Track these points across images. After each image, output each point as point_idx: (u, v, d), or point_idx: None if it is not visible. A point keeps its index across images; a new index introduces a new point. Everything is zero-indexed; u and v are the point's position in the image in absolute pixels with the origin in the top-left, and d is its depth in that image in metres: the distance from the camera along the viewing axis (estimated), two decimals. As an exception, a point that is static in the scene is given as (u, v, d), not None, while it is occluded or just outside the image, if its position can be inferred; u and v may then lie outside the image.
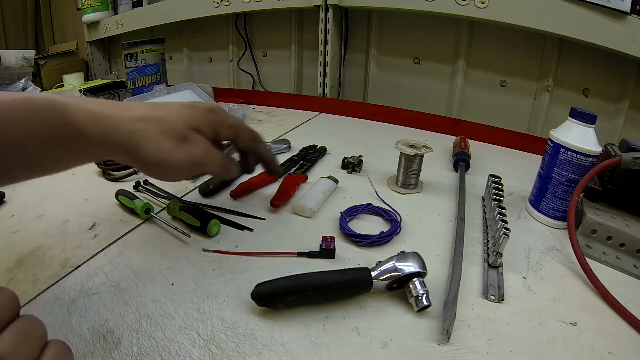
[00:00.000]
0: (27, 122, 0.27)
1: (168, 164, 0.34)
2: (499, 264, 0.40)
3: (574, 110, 0.46)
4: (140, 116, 0.33)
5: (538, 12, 0.78)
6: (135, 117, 0.33)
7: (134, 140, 0.32)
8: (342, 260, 0.41)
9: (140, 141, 0.32)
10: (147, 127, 0.33)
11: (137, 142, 0.32)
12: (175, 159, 0.34)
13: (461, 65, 0.99)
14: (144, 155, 0.32)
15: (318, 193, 0.51)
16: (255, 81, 1.33)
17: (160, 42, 1.05)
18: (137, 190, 0.54)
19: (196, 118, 0.36)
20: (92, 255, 0.41)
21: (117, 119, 0.32)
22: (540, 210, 0.50)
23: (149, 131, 0.33)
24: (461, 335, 0.32)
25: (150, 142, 0.33)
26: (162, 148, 0.33)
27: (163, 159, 0.33)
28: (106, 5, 1.45)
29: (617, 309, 0.35)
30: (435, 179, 0.61)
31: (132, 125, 0.32)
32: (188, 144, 0.35)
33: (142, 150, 0.32)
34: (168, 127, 0.34)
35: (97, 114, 0.31)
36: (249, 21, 1.27)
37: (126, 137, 0.32)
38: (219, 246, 0.42)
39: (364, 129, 0.87)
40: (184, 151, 0.34)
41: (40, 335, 0.20)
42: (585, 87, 0.88)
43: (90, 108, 0.31)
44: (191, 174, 0.40)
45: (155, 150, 0.33)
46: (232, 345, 0.30)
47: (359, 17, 1.09)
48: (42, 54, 1.44)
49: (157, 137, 0.33)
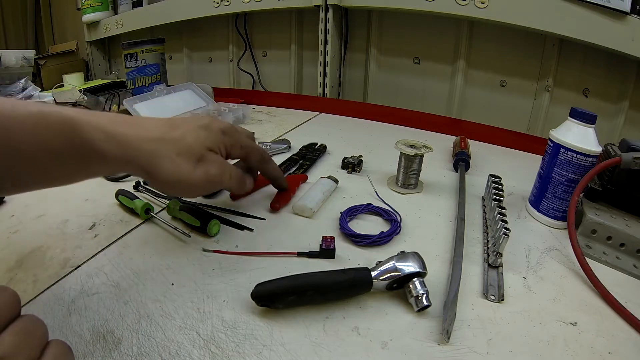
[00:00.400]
0: (41, 138, 0.27)
1: (187, 184, 0.35)
2: (499, 264, 0.40)
3: (574, 110, 0.46)
4: (157, 137, 0.34)
5: (538, 12, 0.78)
6: (152, 137, 0.34)
7: (153, 161, 0.33)
8: (342, 260, 0.41)
9: (159, 162, 0.33)
10: (164, 147, 0.34)
11: (155, 162, 0.33)
12: (194, 179, 0.35)
13: (461, 65, 0.99)
14: (163, 176, 0.34)
15: (318, 193, 0.51)
16: (255, 81, 1.33)
17: (160, 42, 1.05)
18: (137, 190, 0.54)
19: (212, 139, 0.38)
20: (92, 255, 0.41)
21: (134, 138, 0.32)
22: (540, 210, 0.50)
23: (167, 152, 0.34)
24: (461, 335, 0.32)
25: (168, 164, 0.34)
26: (180, 168, 0.34)
27: (181, 179, 0.35)
28: (106, 5, 1.45)
29: (617, 309, 0.35)
30: (435, 179, 0.61)
31: (149, 145, 0.33)
32: (205, 164, 0.36)
33: (161, 171, 0.33)
34: (185, 149, 0.35)
35: (112, 133, 0.31)
36: (249, 21, 1.27)
37: (144, 158, 0.33)
38: (219, 246, 0.42)
39: (364, 129, 0.87)
40: (202, 171, 0.36)
41: (41, 336, 0.20)
42: (585, 87, 0.88)
43: (105, 126, 0.31)
44: (209, 191, 0.41)
45: (174, 170, 0.34)
46: (232, 345, 0.30)
47: (359, 17, 1.09)
48: (42, 54, 1.44)
49: (175, 158, 0.34)
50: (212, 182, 0.37)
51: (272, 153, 0.69)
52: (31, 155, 0.27)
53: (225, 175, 0.38)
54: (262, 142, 0.70)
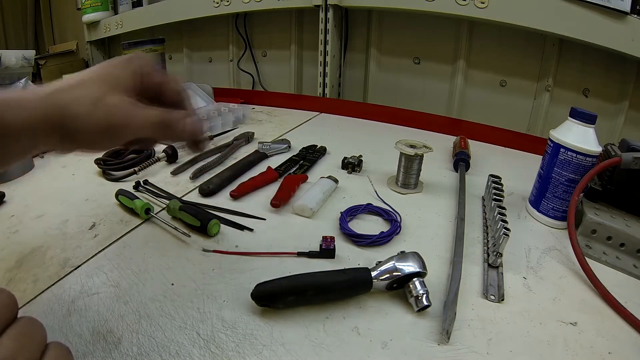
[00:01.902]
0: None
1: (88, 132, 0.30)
2: (499, 264, 0.40)
3: (574, 110, 0.46)
4: (50, 91, 0.30)
5: (538, 12, 0.78)
6: (48, 92, 0.30)
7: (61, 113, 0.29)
8: (342, 260, 0.41)
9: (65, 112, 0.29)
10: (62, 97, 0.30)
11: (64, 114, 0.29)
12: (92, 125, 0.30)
13: (461, 65, 0.99)
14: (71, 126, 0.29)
15: (318, 193, 0.51)
16: (255, 81, 1.33)
17: (160, 42, 1.05)
18: (137, 190, 0.54)
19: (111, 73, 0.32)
20: (92, 255, 0.41)
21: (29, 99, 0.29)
22: (540, 210, 0.50)
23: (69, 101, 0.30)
24: (461, 335, 0.32)
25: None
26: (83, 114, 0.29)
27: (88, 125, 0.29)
28: (106, 5, 1.45)
29: (617, 309, 0.35)
30: (435, 179, 0.61)
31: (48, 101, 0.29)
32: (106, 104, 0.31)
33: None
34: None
35: (6, 100, 0.28)
36: (249, 21, 1.27)
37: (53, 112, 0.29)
38: (219, 246, 0.42)
39: (364, 129, 0.87)
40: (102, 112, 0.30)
41: (41, 339, 0.20)
42: (585, 87, 0.88)
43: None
44: (115, 141, 0.34)
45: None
46: (232, 345, 0.30)
47: (359, 17, 1.09)
48: (42, 54, 1.44)
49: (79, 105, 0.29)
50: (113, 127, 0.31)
51: (272, 153, 0.69)
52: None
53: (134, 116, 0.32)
54: (262, 142, 0.70)
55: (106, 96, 0.31)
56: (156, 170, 0.61)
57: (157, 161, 0.62)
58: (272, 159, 0.68)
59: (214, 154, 0.67)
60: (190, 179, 0.58)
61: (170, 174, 0.60)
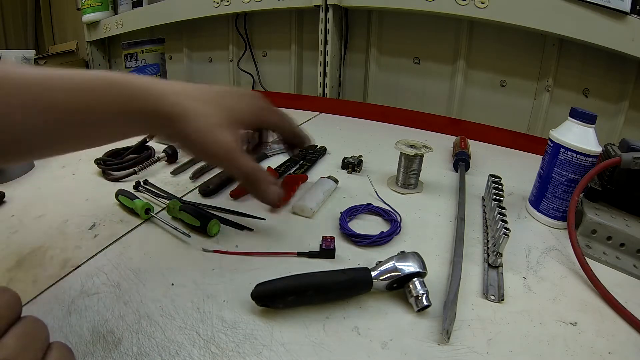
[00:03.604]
0: (110, 101, 0.31)
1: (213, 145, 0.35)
2: (499, 264, 0.40)
3: (574, 110, 0.46)
4: (177, 90, 0.36)
5: (538, 12, 0.78)
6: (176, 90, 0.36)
7: (177, 111, 0.34)
8: (342, 260, 0.41)
9: (189, 114, 0.35)
10: (198, 104, 0.36)
11: (184, 114, 0.35)
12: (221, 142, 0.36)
13: (461, 65, 0.99)
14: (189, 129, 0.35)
15: (318, 193, 0.51)
16: (255, 81, 1.33)
17: (160, 42, 1.05)
18: (137, 190, 0.54)
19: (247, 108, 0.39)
20: (92, 255, 0.41)
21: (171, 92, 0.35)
22: (540, 210, 0.50)
23: (202, 109, 0.36)
24: (461, 335, 0.32)
25: (202, 120, 0.35)
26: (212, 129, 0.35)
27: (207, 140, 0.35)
28: (106, 5, 1.45)
29: (617, 309, 0.35)
30: (435, 179, 0.61)
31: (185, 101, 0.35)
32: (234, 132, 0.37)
33: (188, 125, 0.35)
34: (225, 113, 0.36)
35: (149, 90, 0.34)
36: (249, 21, 1.27)
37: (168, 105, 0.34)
38: (219, 246, 0.42)
39: (364, 129, 0.87)
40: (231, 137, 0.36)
41: (44, 338, 0.20)
42: (585, 87, 0.88)
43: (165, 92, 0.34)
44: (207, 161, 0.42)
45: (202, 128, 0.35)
46: (232, 345, 0.30)
47: (359, 17, 1.09)
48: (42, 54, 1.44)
49: (211, 117, 0.35)
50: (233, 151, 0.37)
51: (272, 153, 0.69)
52: (101, 116, 0.31)
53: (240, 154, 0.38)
54: (262, 142, 0.70)
55: (223, 128, 0.37)
56: (156, 170, 0.61)
57: (157, 161, 0.62)
58: (272, 159, 0.68)
59: (214, 154, 0.66)
60: (190, 179, 0.58)
61: (170, 174, 0.60)
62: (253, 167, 0.38)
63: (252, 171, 0.38)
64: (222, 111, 0.37)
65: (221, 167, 0.41)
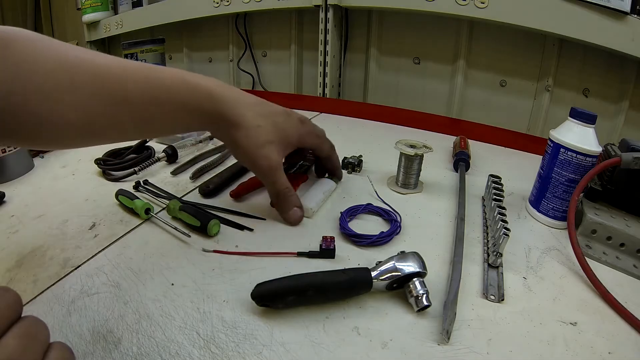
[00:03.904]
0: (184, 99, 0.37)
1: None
2: (499, 264, 0.40)
3: (574, 110, 0.46)
4: (254, 102, 0.44)
5: (538, 12, 0.78)
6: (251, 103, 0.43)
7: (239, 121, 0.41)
8: (342, 260, 0.41)
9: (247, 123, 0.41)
10: (258, 117, 0.42)
11: (243, 123, 0.41)
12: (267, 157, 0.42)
13: (461, 65, 0.99)
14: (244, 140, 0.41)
15: (318, 193, 0.51)
16: (255, 81, 1.33)
17: (160, 42, 1.05)
18: (137, 190, 0.54)
19: (293, 127, 0.46)
20: (92, 255, 0.41)
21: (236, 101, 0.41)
22: (540, 210, 0.50)
23: (260, 121, 0.42)
24: (461, 335, 0.32)
25: (254, 132, 0.41)
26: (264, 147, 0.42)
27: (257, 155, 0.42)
28: (106, 5, 1.45)
29: (617, 309, 0.35)
30: (435, 179, 0.60)
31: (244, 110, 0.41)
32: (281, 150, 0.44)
33: (243, 136, 0.41)
34: (277, 131, 0.43)
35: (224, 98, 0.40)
36: (249, 21, 1.27)
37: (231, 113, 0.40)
38: (219, 246, 0.42)
39: (364, 129, 0.86)
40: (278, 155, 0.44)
41: (44, 339, 0.20)
42: (585, 87, 0.88)
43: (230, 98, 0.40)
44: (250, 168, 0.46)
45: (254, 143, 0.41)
46: (232, 345, 0.30)
47: (359, 17, 1.09)
48: (42, 54, 1.44)
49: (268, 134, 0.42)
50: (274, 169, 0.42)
51: None
52: (169, 111, 0.36)
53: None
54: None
55: (273, 145, 0.42)
56: (156, 170, 0.61)
57: (157, 161, 0.62)
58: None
59: (214, 154, 0.67)
60: (190, 179, 0.58)
61: (170, 174, 0.60)
62: (287, 188, 0.44)
63: (285, 191, 0.44)
64: (275, 129, 0.41)
65: (260, 178, 0.46)
